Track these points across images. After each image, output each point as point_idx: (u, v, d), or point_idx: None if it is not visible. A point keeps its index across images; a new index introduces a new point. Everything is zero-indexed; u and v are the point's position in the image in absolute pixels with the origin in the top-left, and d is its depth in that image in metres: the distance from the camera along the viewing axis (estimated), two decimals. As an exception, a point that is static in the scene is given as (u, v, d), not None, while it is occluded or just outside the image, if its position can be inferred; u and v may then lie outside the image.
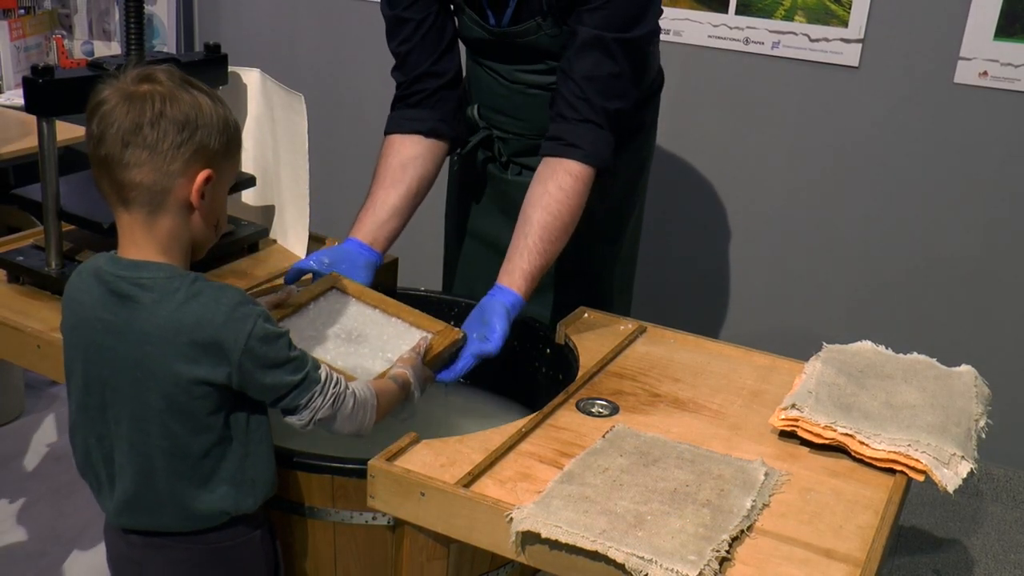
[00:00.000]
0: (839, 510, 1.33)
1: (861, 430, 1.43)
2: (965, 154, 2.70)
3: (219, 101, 1.30)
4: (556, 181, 1.74)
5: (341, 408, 1.33)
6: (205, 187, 1.27)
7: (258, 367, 1.26)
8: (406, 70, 1.93)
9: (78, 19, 3.55)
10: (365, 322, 1.65)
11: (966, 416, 1.50)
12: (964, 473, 1.39)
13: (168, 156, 1.24)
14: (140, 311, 1.25)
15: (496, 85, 1.99)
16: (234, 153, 1.33)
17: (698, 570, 1.16)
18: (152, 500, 1.31)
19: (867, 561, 1.22)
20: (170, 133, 1.23)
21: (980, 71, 2.62)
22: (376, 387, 1.42)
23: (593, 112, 1.75)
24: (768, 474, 1.37)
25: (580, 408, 1.53)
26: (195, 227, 1.30)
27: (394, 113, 1.96)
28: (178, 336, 1.24)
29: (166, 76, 1.27)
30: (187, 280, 1.26)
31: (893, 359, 1.67)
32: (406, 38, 1.91)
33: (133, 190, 1.25)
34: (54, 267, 1.77)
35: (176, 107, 1.24)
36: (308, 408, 1.31)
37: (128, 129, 1.23)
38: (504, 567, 1.48)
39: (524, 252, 1.71)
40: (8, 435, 2.84)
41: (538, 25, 1.84)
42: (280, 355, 1.28)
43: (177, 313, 1.24)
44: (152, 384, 1.26)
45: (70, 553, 2.41)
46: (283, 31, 3.44)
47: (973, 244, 2.74)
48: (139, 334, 1.25)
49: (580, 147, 1.75)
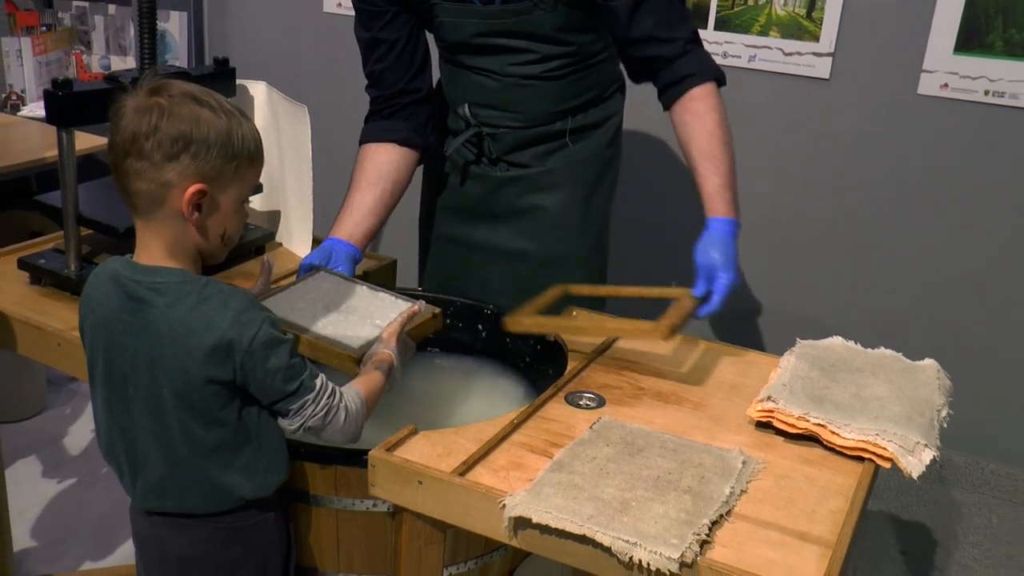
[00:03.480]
0: (812, 495, 1.32)
1: (832, 420, 1.43)
2: (929, 160, 2.70)
3: (229, 117, 1.26)
4: (689, 112, 1.74)
5: (332, 421, 1.31)
6: (199, 201, 1.25)
7: (257, 368, 1.25)
8: (381, 87, 1.93)
9: (96, 35, 3.54)
10: (352, 296, 1.63)
11: (929, 407, 1.50)
12: (927, 460, 1.39)
13: (161, 168, 1.22)
14: (154, 313, 1.25)
15: (487, 81, 1.94)
16: (240, 170, 1.28)
17: (680, 552, 1.16)
18: (177, 485, 1.32)
19: (838, 543, 1.22)
20: (164, 145, 1.21)
21: (941, 83, 2.63)
22: (366, 391, 1.38)
23: (676, 46, 1.75)
24: (745, 462, 1.37)
25: (569, 401, 1.53)
26: (194, 238, 1.29)
27: (368, 125, 1.96)
28: (189, 338, 1.24)
29: (175, 89, 1.25)
30: (198, 285, 1.26)
31: (862, 354, 1.67)
32: (380, 57, 1.91)
33: (136, 197, 1.25)
34: (73, 269, 1.77)
35: (172, 121, 1.22)
36: (299, 415, 1.29)
37: (128, 139, 1.23)
38: (497, 551, 1.47)
39: (707, 176, 1.70)
40: (31, 428, 2.84)
41: (534, 3, 1.80)
42: (279, 361, 1.26)
43: (188, 316, 1.24)
44: (166, 382, 1.26)
45: (91, 539, 2.41)
46: (288, 46, 3.44)
47: (936, 244, 2.75)
48: (153, 335, 1.25)
49: (691, 74, 1.75)
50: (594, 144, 2.01)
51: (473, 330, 1.85)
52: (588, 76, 1.95)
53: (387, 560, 1.42)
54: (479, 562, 1.46)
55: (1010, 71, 2.55)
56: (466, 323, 1.85)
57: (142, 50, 1.81)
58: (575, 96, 1.96)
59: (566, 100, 1.95)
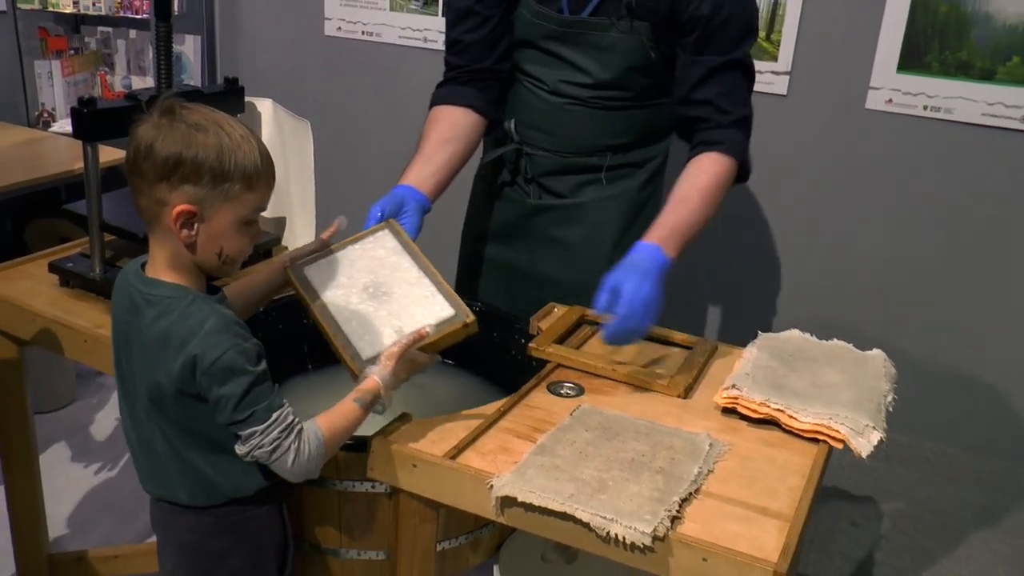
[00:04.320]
0: (772, 474, 1.32)
1: (791, 406, 1.43)
2: (875, 168, 2.70)
3: (224, 139, 1.18)
4: (697, 164, 1.64)
5: (279, 460, 1.21)
6: (187, 220, 1.19)
7: (212, 390, 1.18)
8: (465, 58, 1.76)
9: (118, 57, 3.52)
10: (396, 277, 1.46)
11: (877, 392, 1.50)
12: (875, 441, 1.39)
13: (154, 187, 1.18)
14: (143, 323, 1.22)
15: (536, 100, 1.80)
16: (233, 192, 1.20)
17: (652, 527, 1.15)
18: (167, 477, 1.29)
19: (795, 516, 1.22)
20: (157, 165, 1.17)
21: (886, 99, 2.63)
22: (329, 431, 1.25)
23: (729, 120, 1.65)
24: (712, 445, 1.36)
25: (551, 390, 1.51)
26: (191, 252, 1.22)
27: (443, 89, 1.79)
28: (165, 351, 1.19)
29: (179, 111, 1.19)
30: (185, 301, 1.21)
31: (817, 345, 1.66)
32: (471, 29, 1.74)
33: (139, 211, 1.23)
34: (98, 272, 1.75)
35: (166, 142, 1.17)
36: (246, 443, 1.20)
37: (131, 157, 1.20)
38: (486, 527, 1.46)
39: (672, 211, 1.58)
40: (62, 418, 2.82)
41: (611, 23, 1.68)
42: (233, 390, 1.17)
43: (168, 330, 1.20)
44: (149, 389, 1.23)
45: (118, 520, 2.39)
46: (292, 67, 3.42)
47: (882, 245, 2.75)
48: (141, 343, 1.23)
49: (722, 142, 1.64)
50: (629, 184, 1.86)
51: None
52: (635, 116, 1.81)
53: (384, 537, 1.41)
54: (469, 537, 1.45)
55: (945, 89, 2.55)
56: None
57: (159, 71, 1.79)
58: (618, 134, 1.82)
59: (608, 136, 1.82)
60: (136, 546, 2.22)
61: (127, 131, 1.76)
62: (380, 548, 1.42)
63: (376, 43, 3.23)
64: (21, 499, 1.95)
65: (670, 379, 1.52)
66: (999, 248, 2.64)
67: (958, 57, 2.52)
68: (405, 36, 3.17)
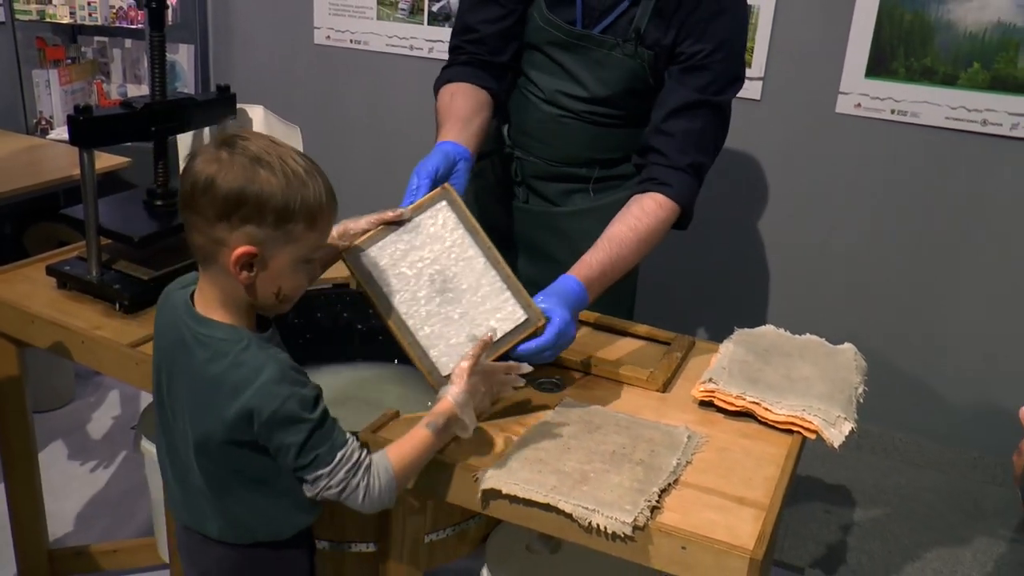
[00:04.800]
0: (748, 465, 1.32)
1: (765, 398, 1.43)
2: (845, 169, 2.71)
3: (290, 177, 1.07)
4: (640, 205, 1.57)
5: (350, 497, 1.14)
6: (248, 261, 1.09)
7: (272, 440, 1.11)
8: (480, 48, 1.69)
9: (114, 66, 3.49)
10: (461, 267, 1.34)
11: (848, 385, 1.50)
12: (847, 431, 1.39)
13: (213, 225, 1.08)
14: (194, 364, 1.13)
15: (532, 108, 1.77)
16: (296, 232, 1.09)
17: (633, 517, 1.15)
18: (199, 510, 1.22)
19: (771, 505, 1.22)
20: (216, 203, 1.06)
21: (855, 103, 2.64)
22: (399, 464, 1.17)
23: (685, 162, 1.60)
24: (690, 437, 1.36)
25: (534, 385, 1.50)
26: (248, 294, 1.13)
27: (454, 69, 1.69)
28: (217, 397, 1.11)
29: (240, 144, 1.08)
30: (239, 346, 1.11)
31: (791, 340, 1.66)
32: (491, 20, 1.67)
33: (193, 248, 1.13)
34: (95, 275, 1.72)
35: (227, 178, 1.06)
36: (314, 485, 1.13)
37: (188, 191, 1.09)
38: (472, 519, 1.46)
39: (600, 252, 1.50)
40: (62, 417, 2.79)
41: (617, 44, 1.65)
42: (294, 438, 1.10)
43: (221, 376, 1.11)
44: (191, 430, 1.16)
45: (116, 516, 2.37)
46: (283, 74, 3.41)
47: (853, 242, 2.76)
48: (191, 383, 1.15)
49: (670, 185, 1.58)
50: (614, 197, 1.81)
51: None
52: (624, 135, 1.77)
53: (373, 529, 1.40)
54: (456, 529, 1.44)
55: (911, 93, 2.56)
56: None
57: (153, 79, 1.78)
58: (607, 149, 1.79)
59: (598, 150, 1.79)
60: (135, 540, 2.20)
61: (122, 138, 1.77)
62: (369, 540, 1.42)
63: (364, 51, 3.22)
64: (21, 496, 1.93)
65: (649, 374, 1.51)
66: (963, 245, 2.65)
67: (923, 63, 2.53)
68: (392, 44, 3.17)
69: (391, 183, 3.29)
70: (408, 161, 3.32)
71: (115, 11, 3.30)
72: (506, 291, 1.34)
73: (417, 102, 3.18)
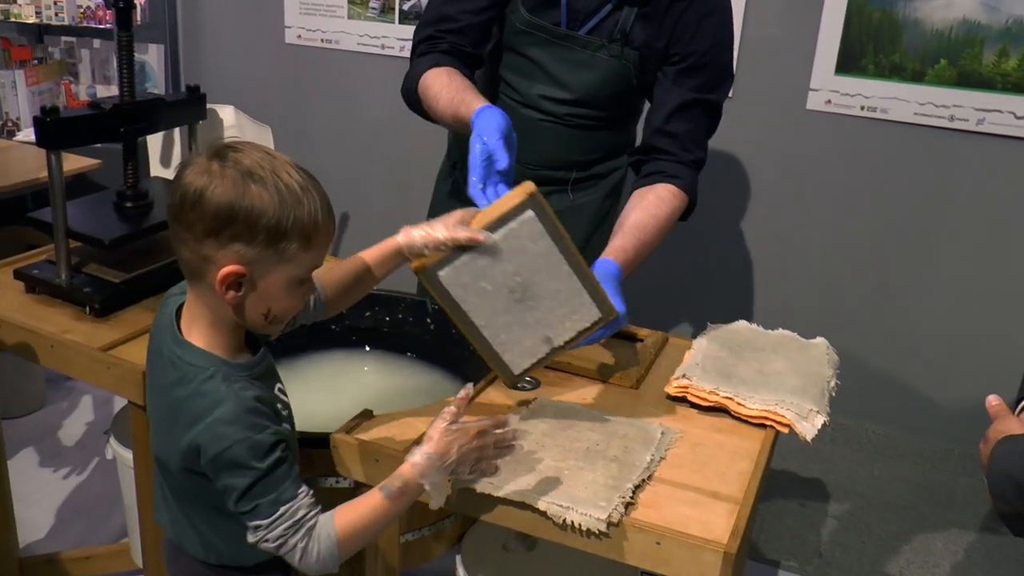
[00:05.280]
0: (722, 459, 1.32)
1: (739, 393, 1.43)
2: (816, 166, 2.74)
3: (284, 195, 1.00)
4: (653, 192, 1.57)
5: (288, 555, 1.06)
6: (236, 281, 1.03)
7: (217, 480, 1.06)
8: (458, 38, 1.63)
9: (82, 67, 3.45)
10: (543, 274, 1.26)
11: (820, 378, 1.51)
12: (819, 425, 1.40)
13: (201, 241, 1.01)
14: (164, 383, 1.10)
15: (510, 113, 1.71)
16: (289, 252, 1.03)
17: (607, 514, 1.15)
18: (175, 520, 1.19)
19: (744, 499, 1.23)
20: (205, 218, 1.00)
21: (825, 99, 2.66)
22: (343, 532, 1.07)
23: (691, 158, 1.63)
24: (664, 433, 1.36)
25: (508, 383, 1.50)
26: (236, 315, 1.07)
27: (438, 55, 1.61)
28: (175, 424, 1.07)
29: (233, 157, 1.01)
30: (204, 374, 1.06)
31: (764, 335, 1.67)
32: (470, 10, 1.62)
33: (180, 263, 1.07)
34: (64, 279, 1.70)
35: (217, 192, 0.99)
36: (253, 533, 1.07)
37: (176, 203, 1.02)
38: (448, 518, 1.46)
39: (619, 233, 1.50)
40: (33, 422, 2.76)
41: (602, 45, 1.64)
42: (236, 483, 1.04)
43: (181, 404, 1.07)
44: (157, 446, 1.13)
45: (89, 522, 2.35)
46: (254, 74, 3.39)
47: (824, 237, 2.78)
48: (158, 400, 1.12)
49: (679, 177, 1.60)
50: (592, 196, 1.85)
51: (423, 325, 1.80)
52: (604, 136, 1.80)
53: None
54: (432, 529, 1.44)
55: (880, 90, 2.59)
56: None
57: (121, 79, 1.76)
58: (586, 151, 1.80)
59: (577, 153, 1.79)
60: (109, 546, 2.18)
61: (90, 139, 1.75)
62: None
63: (335, 50, 3.21)
64: (-9, 503, 1.90)
65: (623, 371, 1.52)
66: (932, 239, 2.69)
67: (891, 60, 2.56)
68: (363, 43, 3.15)
69: (364, 183, 3.28)
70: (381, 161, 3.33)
71: (82, 11, 3.26)
72: (584, 293, 1.29)
73: (389, 101, 3.16)
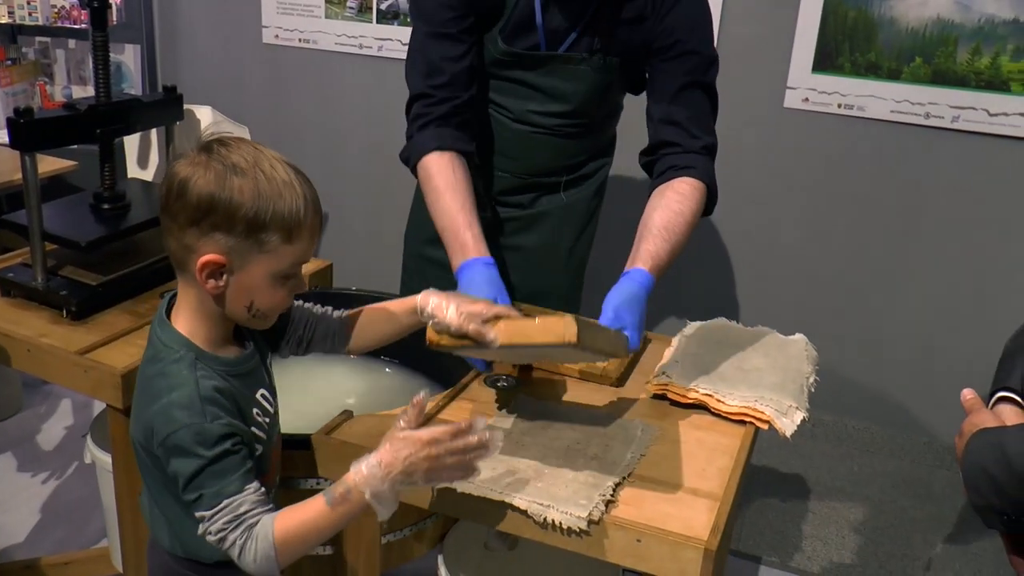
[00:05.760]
0: (702, 456, 1.33)
1: (718, 390, 1.44)
2: (793, 162, 2.76)
3: (263, 185, 1.03)
4: (673, 189, 1.54)
5: (228, 551, 1.05)
6: (215, 271, 1.05)
7: (168, 463, 1.06)
8: (449, 90, 1.61)
9: (58, 67, 3.41)
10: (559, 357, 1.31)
11: (799, 375, 1.52)
12: (798, 420, 1.41)
13: (184, 231, 1.04)
14: (143, 362, 1.12)
15: (500, 127, 1.75)
16: (271, 244, 1.04)
17: (588, 512, 1.15)
18: (151, 514, 1.19)
19: (724, 496, 1.23)
20: (188, 208, 1.02)
21: (803, 98, 2.68)
22: (285, 532, 1.04)
23: (698, 145, 1.60)
24: (644, 430, 1.37)
25: (488, 383, 1.51)
26: (217, 304, 1.08)
27: (429, 132, 1.61)
28: (140, 400, 1.09)
29: (221, 150, 1.04)
30: (173, 355, 1.08)
31: (743, 331, 1.68)
32: (453, 57, 1.61)
33: (168, 252, 1.09)
34: (40, 281, 1.69)
35: (200, 183, 1.02)
36: (199, 524, 1.06)
37: (164, 194, 1.05)
38: (429, 519, 1.45)
39: (647, 238, 1.47)
40: (10, 427, 2.73)
41: (584, 58, 1.64)
42: (183, 468, 1.04)
43: (148, 381, 1.09)
44: (133, 427, 1.13)
45: (68, 527, 2.33)
46: (231, 74, 3.37)
47: (802, 234, 2.80)
48: (138, 380, 1.12)
49: (692, 167, 1.57)
50: (582, 194, 1.86)
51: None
52: (593, 138, 1.81)
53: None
54: (413, 529, 1.44)
55: (857, 88, 2.61)
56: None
57: (97, 80, 1.75)
58: (577, 155, 1.81)
59: (567, 158, 1.80)
60: (88, 551, 2.16)
61: (65, 141, 1.74)
62: (326, 543, 1.41)
63: (313, 50, 3.19)
64: (-32, 509, 1.88)
65: (603, 369, 1.52)
66: (909, 234, 2.71)
67: (867, 58, 2.58)
68: (341, 43, 3.14)
69: (342, 183, 3.27)
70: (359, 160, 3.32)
71: (57, 11, 3.23)
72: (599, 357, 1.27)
73: (367, 101, 3.17)
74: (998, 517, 1.01)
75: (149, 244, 1.85)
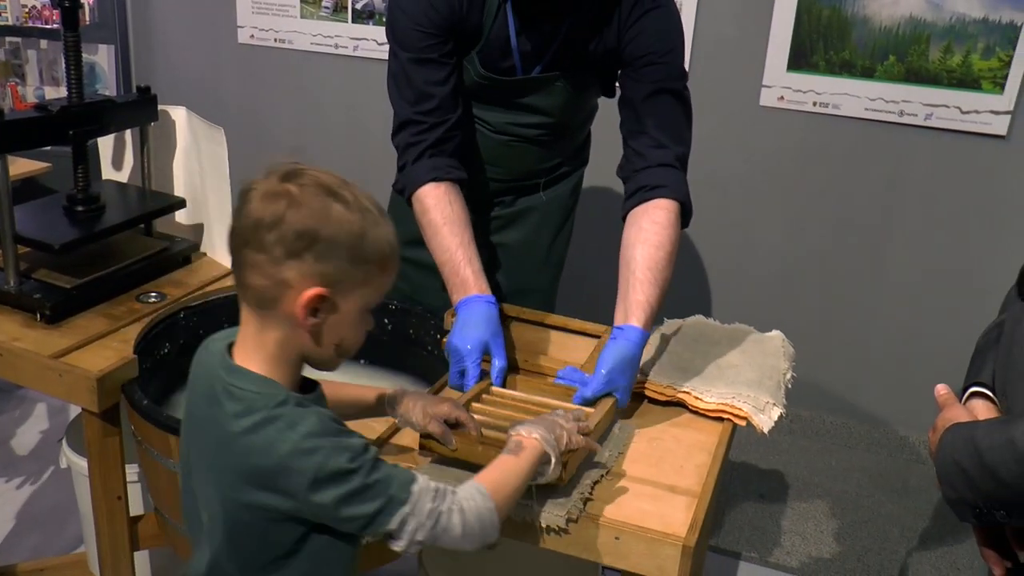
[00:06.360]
0: (680, 453, 1.34)
1: (695, 388, 1.45)
2: (770, 160, 2.77)
3: (364, 215, 0.98)
4: (648, 217, 1.51)
5: (447, 529, 1.01)
6: (317, 305, 0.98)
7: (330, 503, 0.97)
8: (437, 115, 1.61)
9: (30, 68, 3.37)
10: None
11: (776, 371, 1.53)
12: (776, 417, 1.42)
13: (280, 264, 0.96)
14: (221, 417, 1.00)
15: (481, 137, 1.76)
16: (370, 275, 1.00)
17: (566, 510, 1.16)
18: None
19: (702, 492, 1.24)
20: (287, 240, 0.95)
21: (778, 96, 2.70)
22: (491, 483, 1.05)
23: (669, 156, 1.56)
24: (622, 428, 1.37)
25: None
26: (304, 344, 1.01)
27: (436, 160, 1.61)
28: (246, 456, 0.98)
29: (307, 177, 0.98)
30: (273, 401, 0.98)
31: (720, 328, 1.69)
32: (437, 81, 1.61)
33: (247, 290, 1.00)
34: (13, 285, 1.67)
35: (299, 213, 0.95)
36: (402, 533, 1.00)
37: (249, 227, 0.97)
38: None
39: (635, 285, 1.45)
40: (-18, 432, 2.70)
41: (559, 76, 1.67)
42: (352, 487, 0.96)
43: (251, 432, 0.97)
44: (218, 489, 1.02)
45: (44, 533, 2.30)
46: (206, 75, 3.34)
47: (777, 231, 2.82)
48: (216, 438, 1.01)
49: (664, 185, 1.53)
50: (561, 191, 1.90)
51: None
52: (571, 139, 1.85)
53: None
54: (394, 529, 1.43)
55: (831, 86, 2.63)
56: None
57: (69, 81, 1.73)
58: (556, 157, 1.85)
59: (548, 161, 1.84)
60: (64, 556, 2.14)
61: (37, 142, 1.72)
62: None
63: (288, 50, 3.18)
64: (-59, 516, 1.86)
65: (580, 367, 1.53)
66: (884, 231, 2.74)
67: (841, 57, 2.60)
68: (316, 43, 3.13)
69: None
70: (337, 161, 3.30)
71: (28, 10, 3.19)
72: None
73: (344, 101, 3.15)
74: (970, 510, 1.03)
75: (124, 246, 1.84)
